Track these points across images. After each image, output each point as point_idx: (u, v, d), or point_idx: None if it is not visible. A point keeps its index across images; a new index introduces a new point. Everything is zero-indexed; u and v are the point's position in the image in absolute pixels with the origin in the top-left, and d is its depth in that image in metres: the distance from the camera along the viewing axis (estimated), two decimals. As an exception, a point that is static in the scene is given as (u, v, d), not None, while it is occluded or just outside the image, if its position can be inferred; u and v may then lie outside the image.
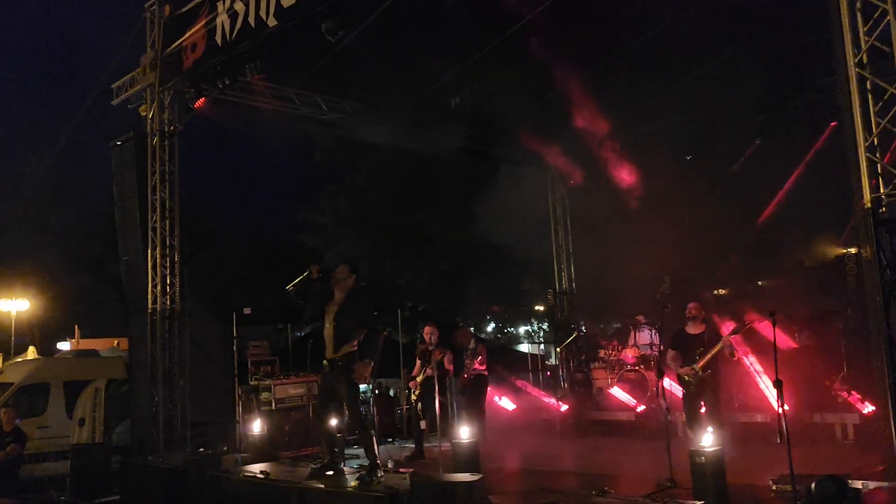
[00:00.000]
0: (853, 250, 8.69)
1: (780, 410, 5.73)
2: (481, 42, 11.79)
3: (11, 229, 33.43)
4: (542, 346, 21.86)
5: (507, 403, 13.22)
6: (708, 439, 6.14)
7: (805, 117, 11.42)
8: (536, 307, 24.87)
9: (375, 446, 7.55)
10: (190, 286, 11.95)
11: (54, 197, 34.46)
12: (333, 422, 7.92)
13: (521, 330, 27.89)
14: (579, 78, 11.74)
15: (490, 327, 27.74)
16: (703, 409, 8.54)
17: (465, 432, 8.04)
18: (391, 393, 14.91)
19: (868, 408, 8.75)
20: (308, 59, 11.46)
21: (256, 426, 10.00)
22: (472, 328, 13.57)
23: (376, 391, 13.43)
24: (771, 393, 8.76)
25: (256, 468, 8.65)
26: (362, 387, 10.72)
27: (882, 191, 5.54)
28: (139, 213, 11.32)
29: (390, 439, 11.83)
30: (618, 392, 11.84)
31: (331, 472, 7.76)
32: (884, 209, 5.47)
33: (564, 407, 12.52)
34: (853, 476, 6.04)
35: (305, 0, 8.95)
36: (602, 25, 10.55)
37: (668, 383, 8.66)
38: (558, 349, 14.84)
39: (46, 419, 13.45)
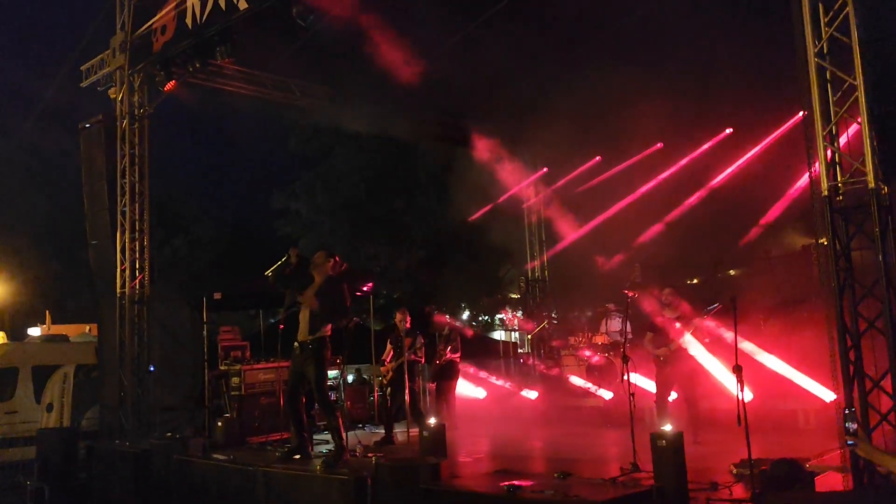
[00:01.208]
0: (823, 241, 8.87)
1: (740, 395, 5.82)
2: (455, 27, 11.80)
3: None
4: (515, 335, 21.95)
5: (478, 391, 13.30)
6: (667, 424, 6.25)
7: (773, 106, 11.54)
8: (511, 295, 24.96)
9: (342, 430, 7.58)
10: (161, 271, 11.89)
11: (25, 180, 33.92)
12: (303, 405, 7.95)
13: (497, 318, 28.00)
14: (551, 64, 11.76)
15: (465, 315, 27.83)
16: (673, 397, 8.81)
17: (432, 418, 8.10)
18: (365, 377, 14.95)
19: (830, 395, 8.94)
20: (281, 44, 11.41)
21: (225, 411, 9.98)
22: (446, 315, 13.58)
23: (348, 377, 13.46)
24: (728, 381, 8.98)
25: (223, 453, 8.64)
26: (332, 372, 10.77)
27: (839, 179, 5.64)
28: (108, 197, 11.20)
29: (361, 426, 11.86)
30: (576, 380, 11.99)
31: (298, 457, 7.80)
32: (840, 197, 5.57)
33: (534, 394, 12.63)
34: (811, 460, 6.18)
35: (276, -17, 8.88)
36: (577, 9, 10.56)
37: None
38: (529, 336, 14.95)
39: (14, 404, 13.35)
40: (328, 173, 25.39)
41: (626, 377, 7.71)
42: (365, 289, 11.89)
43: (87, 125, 11.54)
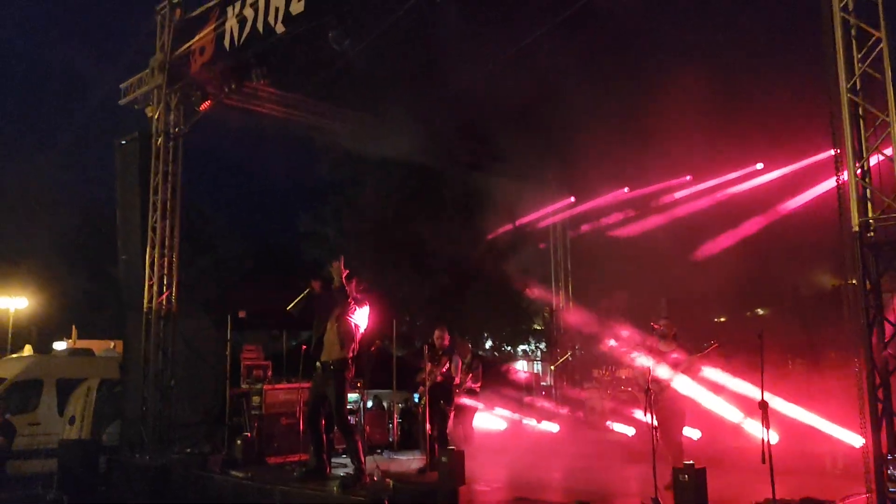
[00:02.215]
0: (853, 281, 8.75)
1: (765, 433, 5.73)
2: (487, 59, 11.95)
3: (14, 226, 33.56)
4: (538, 365, 21.80)
5: (498, 421, 13.19)
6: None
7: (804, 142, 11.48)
8: (535, 326, 24.85)
9: (361, 453, 7.58)
10: (188, 288, 12.00)
11: (57, 195, 34.61)
12: (323, 426, 7.95)
13: (519, 349, 27.85)
14: (580, 93, 11.83)
15: (488, 344, 27.71)
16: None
17: (452, 444, 8.05)
18: (384, 405, 14.89)
19: (859, 440, 8.74)
20: (315, 67, 11.62)
21: (245, 430, 10.00)
22: (469, 343, 13.52)
23: (368, 402, 13.43)
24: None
25: (242, 471, 8.65)
26: (352, 396, 10.75)
27: (870, 215, 5.58)
28: (140, 213, 11.39)
29: (379, 451, 11.80)
30: (616, 426, 11.76)
31: (317, 478, 7.79)
32: (871, 233, 5.51)
33: (555, 426, 12.50)
34: (836, 502, 6.04)
35: (313, 8, 9.06)
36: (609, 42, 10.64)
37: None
38: (553, 367, 14.83)
39: (38, 416, 13.48)
40: (355, 198, 25.62)
41: (649, 411, 7.63)
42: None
43: (124, 142, 11.79)
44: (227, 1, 10.33)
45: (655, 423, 7.53)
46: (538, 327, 24.56)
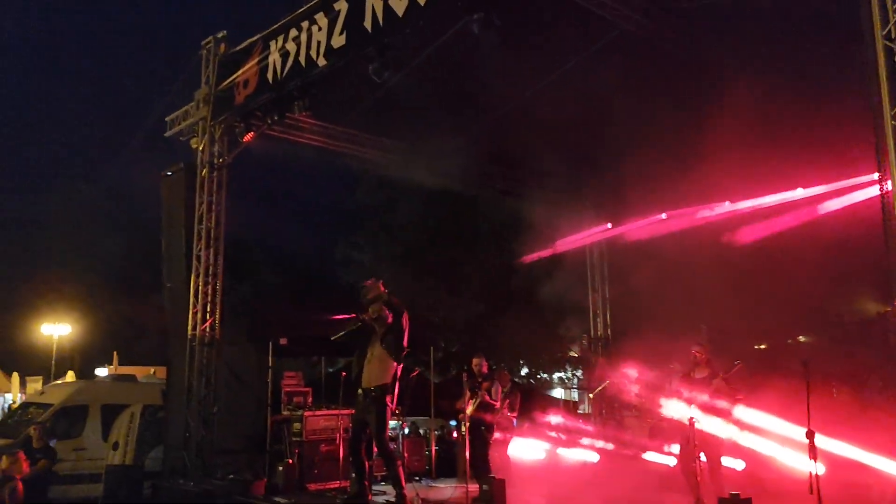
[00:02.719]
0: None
1: (812, 463, 5.64)
2: (523, 87, 12.09)
3: (59, 253, 34.43)
4: (574, 393, 21.63)
5: (536, 450, 13.09)
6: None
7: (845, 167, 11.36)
8: (571, 353, 24.68)
9: (402, 479, 7.60)
10: (230, 315, 12.19)
11: (102, 224, 35.44)
12: (364, 452, 8.00)
13: (555, 376, 27.65)
14: (617, 118, 11.89)
15: (524, 371, 27.56)
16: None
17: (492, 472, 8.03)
18: (420, 432, 14.89)
19: (905, 473, 8.52)
20: (355, 98, 11.88)
21: (286, 456, 10.08)
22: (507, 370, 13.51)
23: (406, 429, 13.44)
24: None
25: (284, 497, 8.71)
26: (392, 423, 10.79)
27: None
28: (185, 242, 11.64)
29: (417, 478, 11.79)
30: (657, 455, 11.59)
31: (357, 504, 7.83)
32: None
33: (594, 455, 12.37)
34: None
35: (354, 42, 9.27)
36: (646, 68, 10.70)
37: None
38: (591, 395, 14.71)
39: (83, 441, 13.67)
40: (391, 224, 25.85)
41: (692, 440, 7.57)
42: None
43: (169, 173, 12.11)
44: (270, 35, 10.62)
45: (698, 452, 7.47)
46: (574, 354, 24.38)
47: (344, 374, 10.85)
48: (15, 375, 26.86)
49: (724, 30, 9.92)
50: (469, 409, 10.06)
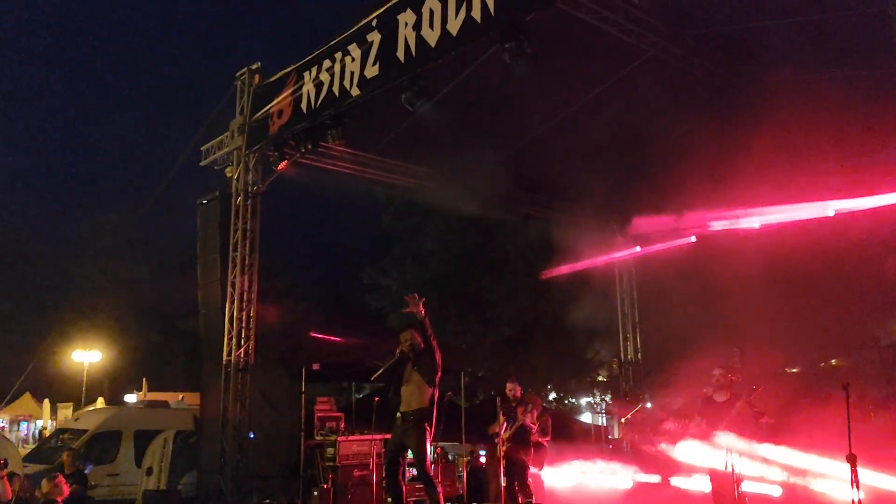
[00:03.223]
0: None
1: (854, 489, 5.60)
2: (552, 112, 12.23)
3: (90, 281, 34.93)
4: (603, 418, 21.44)
5: (566, 476, 12.99)
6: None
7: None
8: (599, 378, 24.53)
9: (441, 502, 7.60)
10: (262, 340, 12.30)
11: (132, 252, 35.94)
12: (402, 477, 8.02)
13: (583, 401, 27.45)
14: (645, 140, 11.96)
15: (551, 396, 27.42)
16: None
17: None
18: (449, 457, 14.86)
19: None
20: (384, 125, 12.08)
21: (320, 482, 10.12)
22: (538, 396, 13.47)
23: (436, 454, 13.43)
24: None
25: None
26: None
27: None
28: (220, 268, 11.82)
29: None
30: (691, 480, 11.46)
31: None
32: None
33: (627, 481, 12.26)
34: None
35: (387, 72, 9.44)
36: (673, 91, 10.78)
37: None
38: (623, 420, 14.61)
39: (116, 466, 13.79)
40: (418, 250, 26.00)
41: (729, 464, 7.50)
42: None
43: (205, 201, 12.33)
44: (304, 66, 10.85)
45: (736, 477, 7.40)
46: (602, 378, 24.25)
47: (377, 398, 10.91)
48: (46, 402, 27.20)
49: (753, 54, 9.99)
50: (505, 433, 10.04)
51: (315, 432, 11.52)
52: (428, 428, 7.80)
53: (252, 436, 11.50)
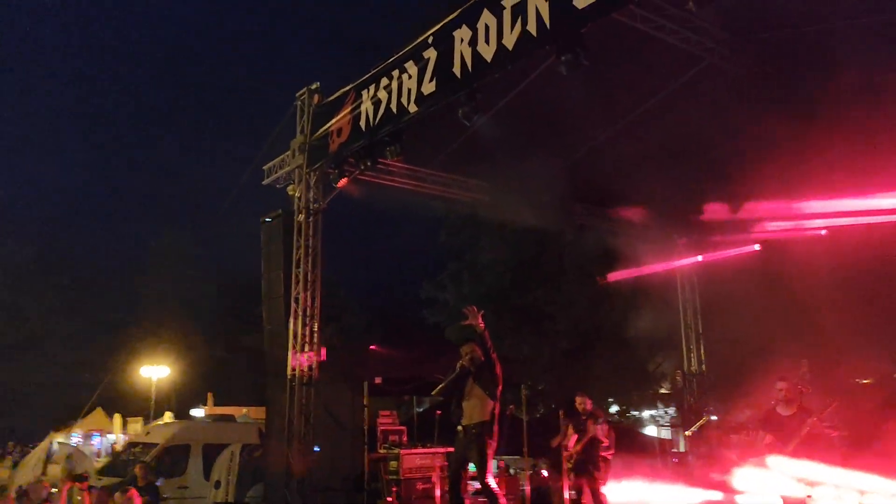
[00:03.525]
0: None
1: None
2: (609, 121, 12.17)
3: (157, 300, 36.05)
4: (667, 431, 21.04)
5: (631, 491, 12.78)
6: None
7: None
8: (662, 390, 24.09)
9: (505, 516, 7.58)
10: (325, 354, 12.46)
11: (197, 271, 37.00)
12: (465, 491, 8.03)
13: (646, 414, 26.99)
14: (706, 148, 11.78)
15: (613, 409, 27.04)
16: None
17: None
18: (511, 472, 14.80)
19: None
20: (444, 141, 12.20)
21: (384, 495, 10.20)
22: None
23: (498, 468, 13.40)
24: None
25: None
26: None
27: None
28: (283, 285, 12.07)
29: (511, 517, 11.71)
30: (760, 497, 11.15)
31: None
32: None
33: (695, 497, 11.99)
34: None
35: (444, 88, 9.53)
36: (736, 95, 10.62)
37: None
38: (687, 433, 14.32)
39: (186, 479, 14.12)
40: (474, 263, 26.05)
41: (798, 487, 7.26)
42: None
43: (268, 219, 12.62)
44: (362, 85, 11.04)
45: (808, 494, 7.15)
46: (665, 391, 23.80)
47: (439, 412, 10.96)
48: (117, 416, 28.09)
49: (818, 56, 9.77)
50: (575, 447, 9.96)
51: (378, 446, 11.63)
52: (490, 441, 7.81)
53: (317, 449, 11.65)
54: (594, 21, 7.91)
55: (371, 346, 28.56)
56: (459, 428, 7.98)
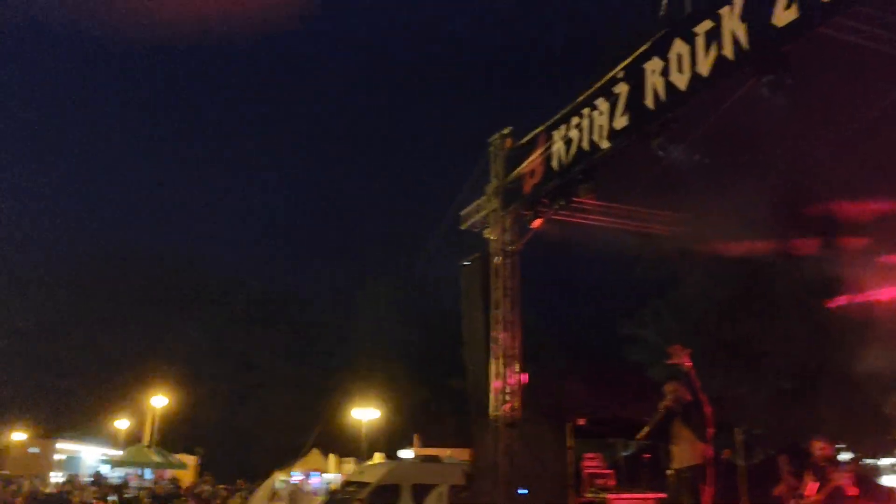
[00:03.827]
0: None
1: None
2: (816, 142, 11.28)
3: (366, 344, 38.14)
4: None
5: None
6: None
7: None
8: (902, 434, 21.41)
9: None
10: (525, 395, 12.47)
11: (403, 316, 38.77)
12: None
13: (883, 462, 24.10)
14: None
15: (843, 456, 24.44)
16: None
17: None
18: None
19: None
20: (635, 173, 11.91)
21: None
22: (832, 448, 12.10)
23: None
24: None
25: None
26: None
27: None
28: (483, 327, 12.30)
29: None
30: None
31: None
32: None
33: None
34: None
35: (637, 121, 9.40)
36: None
37: None
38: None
39: (395, 519, 14.60)
40: (676, 299, 25.00)
41: None
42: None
43: (467, 262, 13.00)
44: (553, 126, 11.15)
45: None
46: (906, 435, 21.13)
47: (647, 455, 10.53)
48: (332, 456, 29.83)
49: None
50: (817, 498, 9.10)
51: (584, 489, 11.36)
52: (703, 487, 7.41)
53: (525, 492, 11.59)
54: (794, 41, 7.44)
55: (571, 386, 28.18)
56: (670, 472, 7.68)
